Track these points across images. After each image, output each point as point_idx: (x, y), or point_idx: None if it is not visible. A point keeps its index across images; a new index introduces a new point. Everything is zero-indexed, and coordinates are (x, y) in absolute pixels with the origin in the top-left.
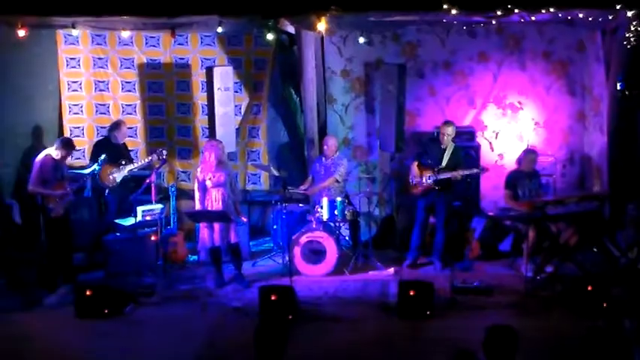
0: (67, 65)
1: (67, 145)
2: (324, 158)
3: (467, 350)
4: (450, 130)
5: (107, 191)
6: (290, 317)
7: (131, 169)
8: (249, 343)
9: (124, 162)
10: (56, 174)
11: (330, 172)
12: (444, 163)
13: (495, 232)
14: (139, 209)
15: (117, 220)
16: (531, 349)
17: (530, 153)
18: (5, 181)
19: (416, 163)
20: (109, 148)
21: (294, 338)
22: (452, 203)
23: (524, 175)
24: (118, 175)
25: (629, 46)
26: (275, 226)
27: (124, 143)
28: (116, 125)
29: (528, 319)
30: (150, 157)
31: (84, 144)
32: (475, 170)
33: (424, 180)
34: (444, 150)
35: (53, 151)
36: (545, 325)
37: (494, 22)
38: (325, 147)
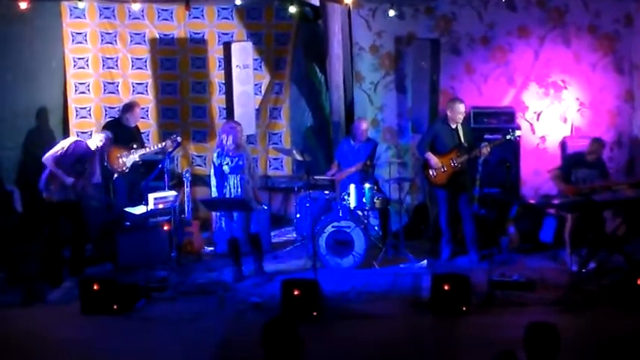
0: (73, 40)
1: (110, 141)
2: (352, 141)
3: (507, 350)
4: (463, 109)
5: (115, 176)
6: (314, 314)
7: (143, 154)
8: None
9: (135, 146)
10: (76, 164)
11: (360, 156)
12: (463, 143)
13: (533, 220)
14: (151, 197)
15: (127, 209)
16: (575, 349)
17: (595, 142)
18: (5, 165)
19: (430, 153)
20: (120, 131)
21: (318, 336)
22: (473, 190)
23: (586, 163)
24: (128, 160)
25: None
26: (298, 215)
27: (137, 126)
28: (129, 107)
29: (572, 316)
30: (163, 143)
31: (91, 126)
32: (508, 137)
33: (454, 163)
34: (456, 130)
35: (91, 140)
36: (590, 323)
37: None
38: (358, 132)
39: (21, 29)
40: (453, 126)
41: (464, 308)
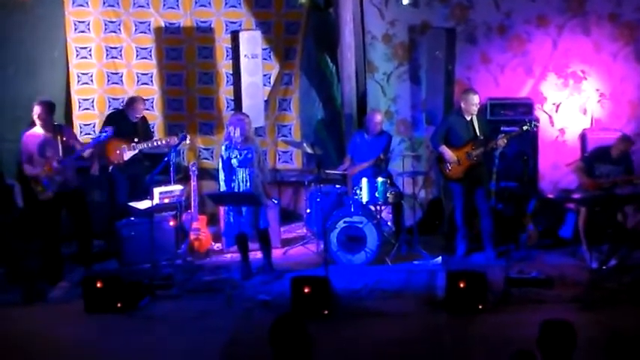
0: (75, 29)
1: (40, 106)
2: (365, 134)
3: (525, 349)
4: (477, 100)
5: (111, 168)
6: (325, 312)
7: (144, 148)
8: None
9: (136, 140)
10: (43, 151)
11: (374, 149)
12: (478, 136)
13: (552, 215)
14: (156, 191)
15: (131, 204)
16: (594, 348)
17: (623, 139)
18: (5, 158)
19: (444, 146)
20: (123, 123)
21: (329, 335)
22: (489, 183)
23: (611, 159)
24: (127, 154)
25: None
26: (308, 210)
27: (144, 117)
28: (130, 102)
29: (591, 314)
30: (168, 139)
31: (94, 118)
32: (525, 127)
33: (470, 156)
34: (470, 122)
35: (36, 127)
36: (610, 321)
37: None
38: (372, 124)
39: (22, 18)
40: (468, 118)
41: (480, 306)
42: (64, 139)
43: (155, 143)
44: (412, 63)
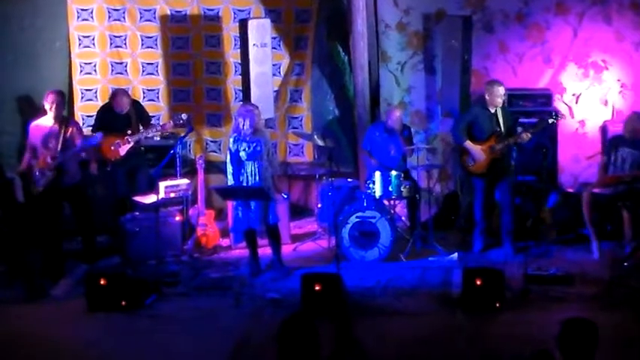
0: (78, 17)
1: (52, 94)
2: (385, 129)
3: (543, 349)
4: (503, 91)
5: (110, 164)
6: (337, 310)
7: (140, 139)
8: None
9: (129, 132)
10: (46, 143)
11: (400, 145)
12: (502, 128)
13: (572, 210)
14: (162, 185)
15: (136, 198)
16: (615, 347)
17: (633, 117)
18: (5, 151)
19: (469, 141)
20: (113, 117)
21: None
22: (514, 176)
23: (626, 142)
24: (123, 148)
25: None
26: (320, 205)
27: (137, 108)
28: (112, 96)
29: (613, 312)
30: (161, 125)
31: (97, 109)
32: (551, 120)
33: (493, 150)
34: (495, 114)
35: (45, 118)
36: (632, 320)
37: None
38: (390, 121)
39: (22, 6)
40: (492, 110)
41: (497, 304)
42: (69, 133)
43: (150, 132)
44: (427, 52)
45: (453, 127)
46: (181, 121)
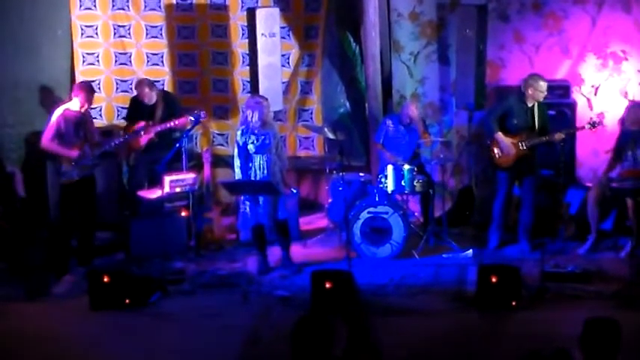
0: (80, 6)
1: (86, 89)
2: (400, 123)
3: (561, 348)
4: (546, 87)
5: (133, 156)
6: (352, 309)
7: (159, 131)
8: None
9: (150, 123)
10: (78, 131)
11: (410, 140)
12: (537, 125)
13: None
14: (167, 179)
15: (140, 193)
16: (635, 347)
17: (634, 107)
18: (6, 144)
19: (500, 133)
20: (140, 107)
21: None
22: (540, 172)
23: (631, 136)
24: (142, 139)
25: None
26: (330, 200)
27: (166, 98)
28: (136, 86)
29: (633, 311)
30: (176, 121)
31: (101, 100)
32: (587, 126)
33: (522, 146)
34: (531, 109)
35: (73, 104)
36: None
37: None
38: (404, 117)
39: None
40: (530, 104)
41: (513, 303)
42: (89, 124)
43: (167, 126)
44: (441, 42)
45: (485, 115)
46: (200, 119)
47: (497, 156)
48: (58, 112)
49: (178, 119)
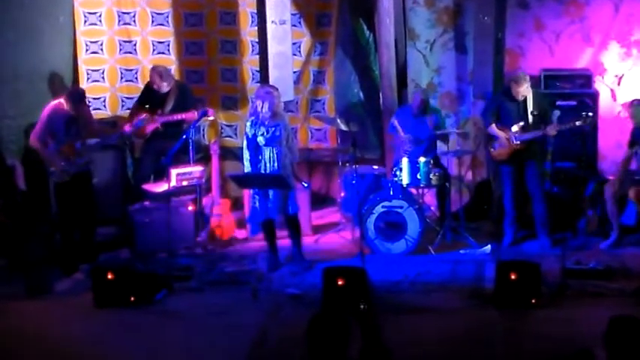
0: None
1: (73, 97)
2: (413, 112)
3: (583, 348)
4: (524, 89)
5: (141, 145)
6: (362, 307)
7: (165, 122)
8: None
9: (159, 112)
10: (69, 128)
11: (423, 130)
12: (530, 119)
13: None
14: (173, 172)
15: (145, 186)
16: None
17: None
18: (5, 136)
19: (494, 125)
20: (152, 95)
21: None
22: (544, 164)
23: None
24: (148, 127)
25: None
26: (343, 193)
27: (185, 89)
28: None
29: None
30: (183, 114)
31: (104, 91)
32: (578, 123)
33: (512, 141)
34: (523, 103)
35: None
36: None
37: None
38: (414, 105)
39: None
40: (520, 99)
41: (533, 301)
42: (83, 119)
43: (174, 118)
44: (458, 30)
45: (484, 108)
46: (206, 115)
47: (493, 150)
48: (48, 108)
49: (185, 113)
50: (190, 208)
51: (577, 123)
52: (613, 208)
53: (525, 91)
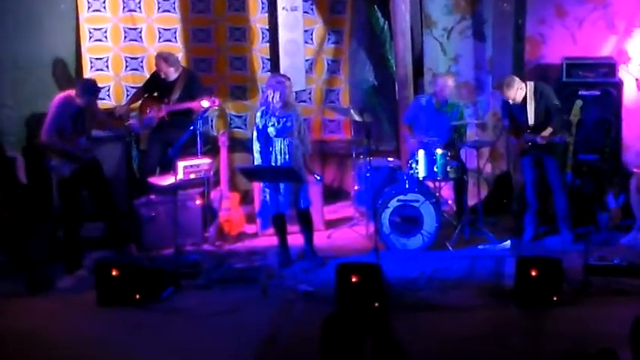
0: None
1: (87, 90)
2: (434, 101)
3: (607, 348)
4: (515, 91)
5: (144, 131)
6: (376, 305)
7: (172, 110)
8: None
9: (166, 100)
10: (76, 123)
11: (444, 120)
12: (530, 122)
13: None
14: (180, 165)
15: (151, 179)
16: None
17: None
18: (6, 127)
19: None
20: (159, 83)
21: None
22: (565, 155)
23: None
24: (154, 117)
25: None
26: (357, 187)
27: (192, 78)
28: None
29: None
30: (190, 103)
31: (109, 80)
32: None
33: (520, 141)
34: (523, 106)
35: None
36: None
37: None
38: (438, 89)
39: None
40: (518, 101)
41: (554, 298)
42: (92, 108)
43: (181, 106)
44: (476, 17)
45: (500, 106)
46: (215, 107)
47: (512, 142)
48: (57, 101)
49: (191, 103)
50: (198, 202)
51: (566, 139)
52: (637, 199)
53: (519, 93)
